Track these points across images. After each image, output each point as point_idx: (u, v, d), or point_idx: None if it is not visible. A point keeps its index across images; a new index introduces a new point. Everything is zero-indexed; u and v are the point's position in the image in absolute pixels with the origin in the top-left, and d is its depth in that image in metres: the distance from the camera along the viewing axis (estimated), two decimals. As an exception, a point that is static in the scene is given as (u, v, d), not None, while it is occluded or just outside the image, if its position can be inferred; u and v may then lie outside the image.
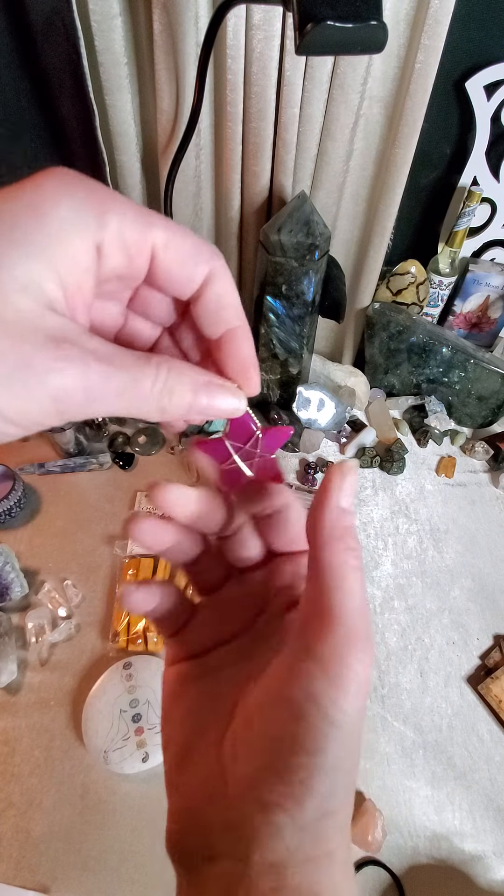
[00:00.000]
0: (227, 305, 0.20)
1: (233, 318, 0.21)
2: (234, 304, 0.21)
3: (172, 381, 0.18)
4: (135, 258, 0.18)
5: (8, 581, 0.66)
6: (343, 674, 0.18)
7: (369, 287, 0.88)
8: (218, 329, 0.21)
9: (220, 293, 0.20)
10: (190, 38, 0.59)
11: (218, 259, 0.20)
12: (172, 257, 0.19)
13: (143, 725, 0.56)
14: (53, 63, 0.59)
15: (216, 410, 0.20)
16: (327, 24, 0.38)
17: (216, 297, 0.20)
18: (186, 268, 0.19)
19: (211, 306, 0.20)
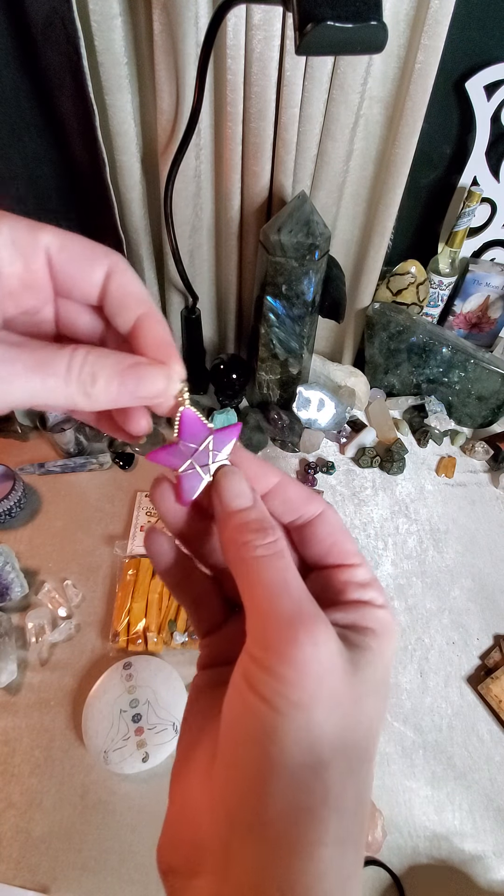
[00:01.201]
0: (129, 294, 0.20)
1: (138, 305, 0.21)
2: (138, 292, 0.21)
3: (94, 366, 0.18)
4: (30, 261, 0.19)
5: (8, 581, 0.66)
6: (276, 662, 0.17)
7: (369, 287, 0.88)
8: (128, 319, 0.21)
9: (121, 284, 0.20)
10: (190, 38, 0.59)
11: (114, 255, 0.20)
12: (67, 258, 0.19)
13: (143, 725, 0.56)
14: (53, 63, 0.59)
15: (147, 391, 0.20)
16: (327, 24, 0.38)
17: (118, 289, 0.20)
18: (83, 268, 0.20)
19: (115, 299, 0.20)
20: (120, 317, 0.21)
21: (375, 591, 0.22)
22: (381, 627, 0.21)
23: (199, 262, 0.83)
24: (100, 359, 0.19)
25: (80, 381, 0.18)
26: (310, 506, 0.23)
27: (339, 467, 0.88)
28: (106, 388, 0.19)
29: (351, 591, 0.22)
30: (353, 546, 0.24)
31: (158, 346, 0.21)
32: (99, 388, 0.19)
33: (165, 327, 0.21)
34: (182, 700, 0.58)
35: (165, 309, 0.89)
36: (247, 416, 0.88)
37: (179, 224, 0.74)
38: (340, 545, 0.23)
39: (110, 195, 0.70)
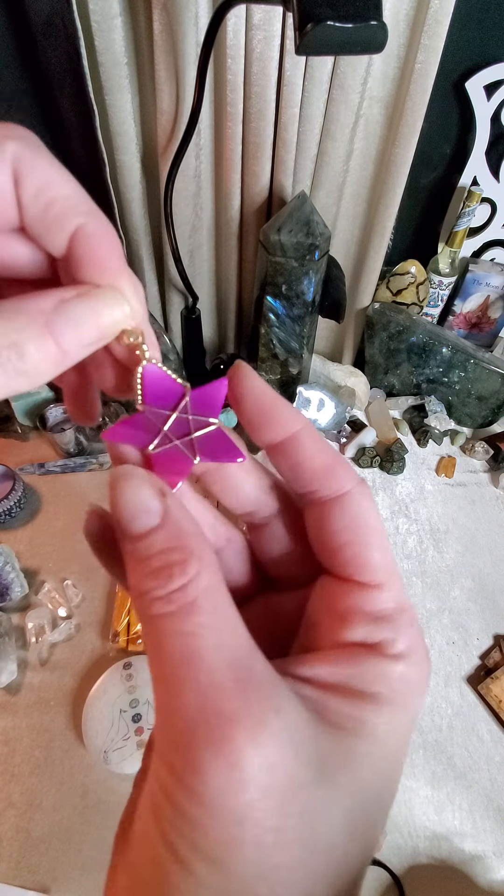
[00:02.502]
0: (54, 200, 0.13)
1: (69, 214, 0.14)
2: (66, 193, 0.14)
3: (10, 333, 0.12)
4: None
5: (8, 581, 0.66)
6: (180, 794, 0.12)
7: (369, 287, 0.88)
8: (59, 241, 0.14)
9: (39, 186, 0.13)
10: (190, 38, 0.59)
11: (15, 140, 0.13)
12: None
13: (143, 725, 0.56)
14: (53, 63, 0.59)
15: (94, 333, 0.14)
16: (327, 24, 0.38)
17: (36, 193, 0.13)
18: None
19: (34, 211, 0.13)
20: (48, 237, 0.14)
21: (396, 629, 0.15)
22: (393, 692, 0.14)
23: (199, 262, 0.83)
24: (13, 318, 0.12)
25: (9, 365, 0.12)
26: (330, 480, 0.16)
27: (339, 467, 0.88)
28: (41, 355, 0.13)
29: (356, 624, 0.15)
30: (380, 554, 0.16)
31: (100, 271, 0.14)
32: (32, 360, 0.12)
33: (111, 235, 0.14)
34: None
35: (165, 309, 0.89)
36: (247, 416, 0.88)
37: (179, 224, 0.74)
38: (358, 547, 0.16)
39: (110, 195, 0.70)
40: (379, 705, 0.14)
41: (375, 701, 0.14)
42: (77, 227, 0.14)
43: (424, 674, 0.15)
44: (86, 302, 0.13)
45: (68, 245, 0.14)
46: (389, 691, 0.14)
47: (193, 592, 0.13)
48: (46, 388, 0.85)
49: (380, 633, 0.15)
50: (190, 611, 0.13)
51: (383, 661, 0.14)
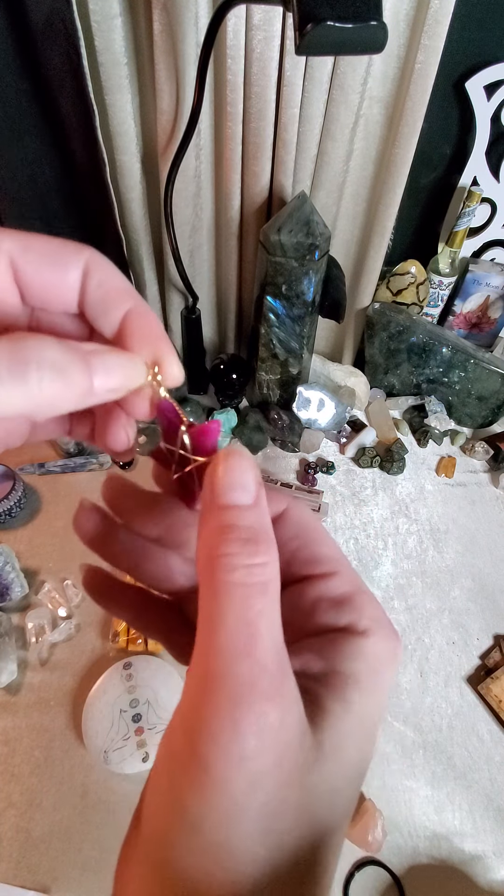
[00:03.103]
0: (112, 288, 0.17)
1: (123, 301, 0.17)
2: (122, 286, 0.17)
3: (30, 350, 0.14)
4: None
5: (8, 581, 0.66)
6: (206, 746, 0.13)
7: (369, 287, 0.88)
8: (112, 320, 0.17)
9: (101, 281, 0.17)
10: (190, 38, 0.59)
11: (87, 250, 0.17)
12: (35, 260, 0.16)
13: (143, 725, 0.56)
14: (53, 63, 0.59)
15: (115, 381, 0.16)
16: (327, 24, 0.38)
17: (98, 287, 0.17)
18: (56, 269, 0.17)
19: (96, 298, 0.17)
20: (105, 317, 0.17)
21: (356, 610, 0.17)
22: (366, 667, 0.16)
23: (199, 262, 0.83)
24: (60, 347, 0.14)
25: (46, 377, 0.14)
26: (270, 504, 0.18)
27: (339, 467, 0.88)
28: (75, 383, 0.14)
29: (323, 612, 0.17)
30: (326, 548, 0.18)
31: (148, 340, 0.17)
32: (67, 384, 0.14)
33: (156, 320, 0.18)
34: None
35: (165, 309, 0.89)
36: (247, 416, 0.88)
37: (179, 224, 0.74)
38: (309, 548, 0.18)
39: (110, 195, 0.70)
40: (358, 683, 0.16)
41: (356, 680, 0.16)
42: (129, 308, 0.17)
43: (392, 644, 0.17)
44: (119, 356, 0.16)
45: (121, 322, 0.17)
46: (365, 667, 0.16)
47: (270, 574, 0.15)
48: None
49: (345, 616, 0.17)
50: (264, 591, 0.15)
51: (354, 639, 0.16)
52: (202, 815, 0.13)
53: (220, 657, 0.14)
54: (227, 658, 0.14)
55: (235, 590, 0.14)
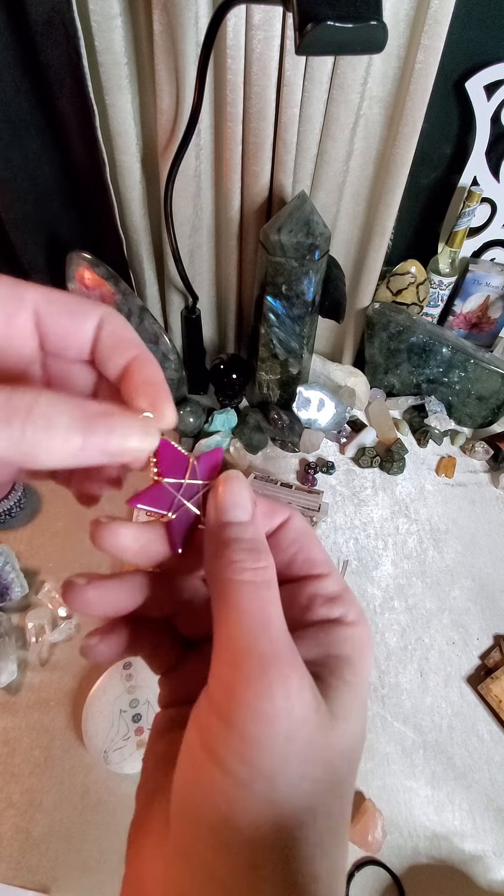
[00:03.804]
0: (122, 338, 0.19)
1: (130, 349, 0.19)
2: (130, 337, 0.19)
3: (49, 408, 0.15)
4: (13, 316, 0.18)
5: (8, 581, 0.66)
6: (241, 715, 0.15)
7: (369, 287, 0.88)
8: (117, 364, 0.19)
9: (113, 331, 0.19)
10: (190, 38, 0.59)
11: (105, 307, 0.19)
12: (56, 311, 0.18)
13: (143, 725, 0.56)
14: (53, 63, 0.59)
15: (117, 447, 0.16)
16: (327, 24, 0.38)
17: (110, 336, 0.19)
18: (75, 320, 0.19)
19: (107, 346, 0.19)
20: (111, 361, 0.19)
21: (345, 604, 0.20)
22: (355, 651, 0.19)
23: (199, 262, 0.83)
24: (56, 402, 0.15)
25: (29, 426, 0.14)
26: (274, 517, 0.22)
27: (339, 467, 0.88)
28: (65, 439, 0.15)
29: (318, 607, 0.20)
30: (319, 554, 0.22)
31: (148, 386, 0.19)
32: (56, 438, 0.15)
33: (158, 368, 0.19)
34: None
35: (165, 309, 0.89)
36: (247, 416, 0.88)
37: (179, 224, 0.74)
38: (305, 553, 0.21)
39: (110, 195, 0.70)
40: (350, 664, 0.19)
41: (348, 661, 0.19)
42: (134, 355, 0.19)
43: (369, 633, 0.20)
44: (129, 421, 0.17)
45: (124, 367, 0.19)
46: (355, 651, 0.19)
47: (271, 574, 0.18)
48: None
49: (336, 610, 0.20)
50: (269, 586, 0.18)
51: (344, 628, 0.20)
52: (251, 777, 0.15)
53: (243, 638, 0.16)
54: (251, 637, 0.16)
55: (247, 586, 0.17)
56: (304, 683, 0.16)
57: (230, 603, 0.17)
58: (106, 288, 0.74)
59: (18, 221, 0.72)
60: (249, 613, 0.17)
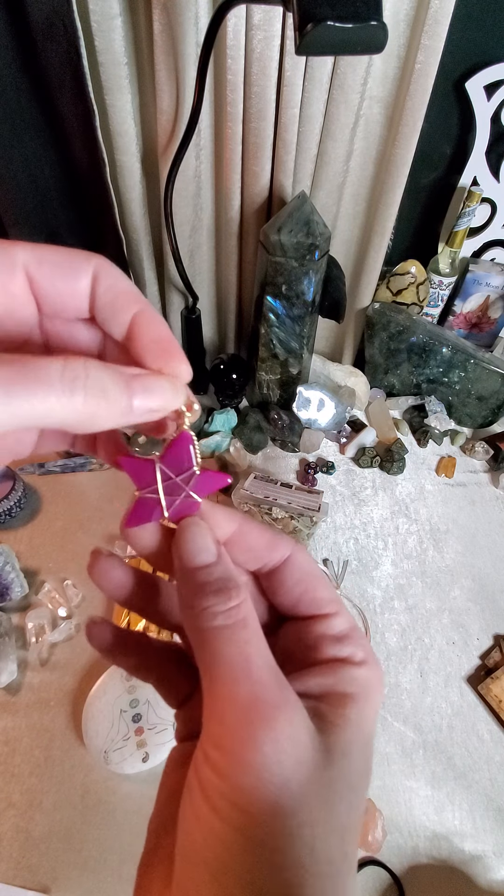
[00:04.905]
0: (120, 292, 0.18)
1: (131, 304, 0.19)
2: (129, 290, 0.19)
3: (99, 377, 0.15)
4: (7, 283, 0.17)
5: (8, 581, 0.66)
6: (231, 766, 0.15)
7: (369, 287, 0.88)
8: (122, 322, 0.19)
9: (109, 285, 0.18)
10: (190, 38, 0.59)
11: (96, 257, 0.18)
12: (49, 272, 0.18)
13: (143, 725, 0.56)
14: (53, 63, 0.59)
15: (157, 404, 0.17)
16: (327, 24, 0.38)
17: (107, 291, 0.18)
18: (68, 277, 0.18)
19: (106, 302, 0.18)
20: (114, 320, 0.19)
21: (354, 644, 0.20)
22: (362, 690, 0.19)
23: (199, 262, 0.83)
24: (101, 368, 0.16)
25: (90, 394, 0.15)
26: (274, 552, 0.21)
27: (339, 467, 0.88)
28: (117, 402, 0.16)
29: (326, 646, 0.20)
30: (326, 592, 0.21)
31: (159, 344, 0.19)
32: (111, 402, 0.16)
33: (164, 323, 0.19)
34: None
35: (165, 309, 0.89)
36: (247, 416, 0.88)
37: (179, 224, 0.74)
38: (312, 592, 0.21)
39: (110, 195, 0.70)
40: (355, 702, 0.18)
41: (352, 699, 0.18)
42: (136, 312, 0.19)
43: (379, 674, 0.20)
44: (160, 380, 0.18)
45: (130, 325, 0.19)
46: (360, 690, 0.19)
47: (244, 612, 0.18)
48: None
49: (344, 649, 0.20)
50: (244, 625, 0.17)
51: (351, 668, 0.19)
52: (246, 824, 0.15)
53: (223, 686, 0.16)
54: (229, 685, 0.16)
55: (221, 632, 0.17)
56: (296, 721, 0.16)
57: (207, 651, 0.17)
58: (106, 288, 0.74)
59: (18, 221, 0.72)
60: (227, 660, 0.17)
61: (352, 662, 0.19)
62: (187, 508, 0.21)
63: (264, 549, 0.21)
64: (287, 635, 0.21)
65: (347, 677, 0.19)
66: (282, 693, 0.16)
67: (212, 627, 0.17)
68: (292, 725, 0.16)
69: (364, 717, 0.18)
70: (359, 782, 0.17)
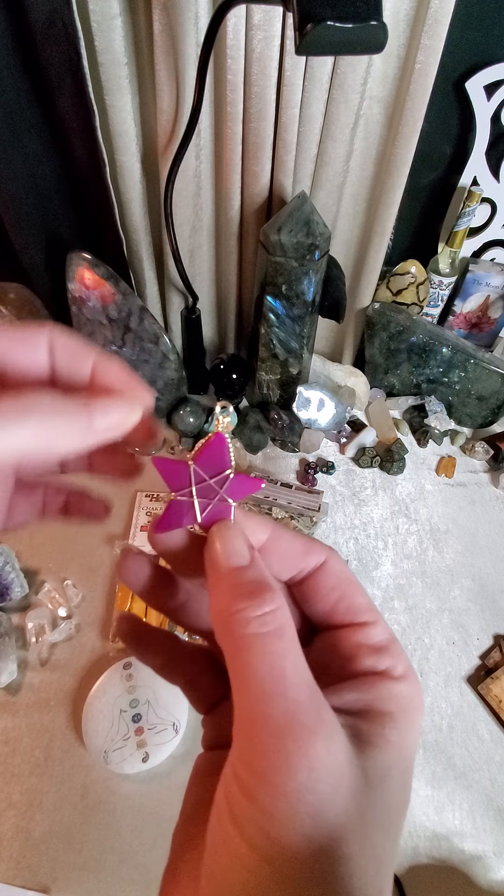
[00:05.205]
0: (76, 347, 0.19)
1: (87, 353, 0.19)
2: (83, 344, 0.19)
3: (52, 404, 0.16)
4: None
5: (8, 581, 0.66)
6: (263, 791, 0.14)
7: (369, 287, 0.88)
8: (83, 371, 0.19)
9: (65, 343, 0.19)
10: (190, 38, 0.59)
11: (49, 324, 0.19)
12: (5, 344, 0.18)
13: (143, 725, 0.56)
14: (53, 63, 0.59)
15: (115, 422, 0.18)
16: (327, 24, 0.38)
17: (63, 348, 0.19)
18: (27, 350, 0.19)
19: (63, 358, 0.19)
20: (76, 372, 0.19)
21: (393, 656, 0.19)
22: (402, 709, 0.17)
23: (199, 262, 0.83)
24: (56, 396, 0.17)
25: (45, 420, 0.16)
26: (309, 557, 0.20)
27: (339, 467, 0.88)
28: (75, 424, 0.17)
29: (363, 657, 0.19)
30: (363, 599, 0.20)
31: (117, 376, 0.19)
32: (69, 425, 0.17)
33: (120, 362, 0.20)
34: (182, 699, 0.58)
35: (165, 309, 0.89)
36: (247, 416, 0.88)
37: (179, 224, 0.74)
38: (348, 599, 0.20)
39: (110, 195, 0.70)
40: (394, 721, 0.17)
41: (392, 718, 0.17)
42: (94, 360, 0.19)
43: (419, 690, 0.19)
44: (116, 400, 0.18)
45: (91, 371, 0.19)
46: (399, 709, 0.17)
47: (280, 619, 0.17)
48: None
49: (383, 662, 0.18)
50: (280, 635, 0.16)
51: (391, 683, 0.18)
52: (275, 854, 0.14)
53: (256, 704, 0.15)
54: (263, 703, 0.15)
55: (254, 641, 0.16)
56: (334, 746, 0.15)
57: (239, 663, 0.16)
58: (106, 288, 0.74)
59: (18, 221, 0.72)
60: (260, 673, 0.15)
61: (391, 677, 0.18)
62: (220, 512, 0.20)
63: (298, 556, 0.20)
64: (321, 645, 0.20)
65: (387, 693, 0.18)
66: (319, 714, 0.15)
67: (244, 635, 0.16)
68: (330, 752, 0.15)
69: (405, 738, 0.17)
70: (397, 812, 0.16)
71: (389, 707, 0.17)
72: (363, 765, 0.15)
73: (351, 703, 0.17)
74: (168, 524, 0.20)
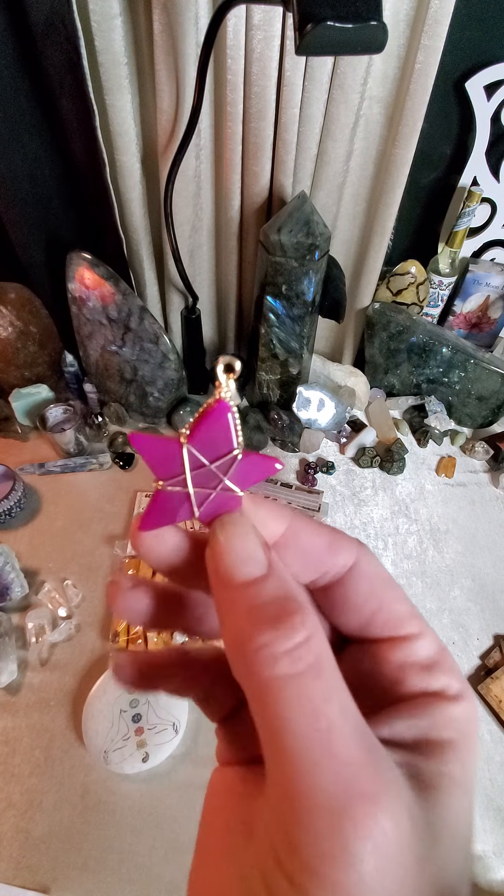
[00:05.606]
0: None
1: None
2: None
3: None
4: None
5: (8, 581, 0.66)
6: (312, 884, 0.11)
7: (369, 287, 0.88)
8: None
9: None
10: (190, 38, 0.59)
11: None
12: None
13: (143, 725, 0.56)
14: (53, 63, 0.59)
15: None
16: (327, 25, 0.38)
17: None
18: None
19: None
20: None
21: (446, 671, 0.15)
22: (462, 734, 0.14)
23: (199, 262, 0.83)
24: None
25: None
26: (336, 556, 0.16)
27: (339, 467, 0.88)
28: None
29: (412, 677, 0.15)
30: (404, 605, 0.16)
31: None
32: None
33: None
34: (183, 699, 0.58)
35: (165, 309, 0.89)
36: (247, 416, 0.88)
37: (179, 224, 0.74)
38: (387, 608, 0.16)
39: (110, 195, 0.70)
40: (456, 752, 0.14)
41: (453, 749, 0.14)
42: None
43: (475, 710, 0.15)
44: None
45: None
46: (459, 735, 0.14)
47: (317, 648, 0.13)
48: (47, 389, 0.85)
49: (436, 680, 0.15)
50: (319, 672, 0.12)
51: (447, 705, 0.15)
52: None
53: (298, 772, 0.11)
54: (307, 769, 0.11)
55: (287, 686, 0.12)
56: (398, 813, 0.11)
57: (269, 714, 0.12)
58: (106, 288, 0.74)
59: (18, 221, 0.72)
60: (299, 730, 0.12)
61: (446, 697, 0.15)
62: (224, 505, 0.15)
63: (323, 554, 0.16)
64: (355, 661, 0.16)
65: (444, 718, 0.14)
66: (378, 773, 0.12)
67: (273, 678, 0.12)
68: (396, 823, 0.11)
69: (468, 772, 0.14)
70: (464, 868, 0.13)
71: (449, 734, 0.14)
72: (427, 818, 0.12)
73: (402, 733, 0.14)
74: (155, 521, 0.15)
